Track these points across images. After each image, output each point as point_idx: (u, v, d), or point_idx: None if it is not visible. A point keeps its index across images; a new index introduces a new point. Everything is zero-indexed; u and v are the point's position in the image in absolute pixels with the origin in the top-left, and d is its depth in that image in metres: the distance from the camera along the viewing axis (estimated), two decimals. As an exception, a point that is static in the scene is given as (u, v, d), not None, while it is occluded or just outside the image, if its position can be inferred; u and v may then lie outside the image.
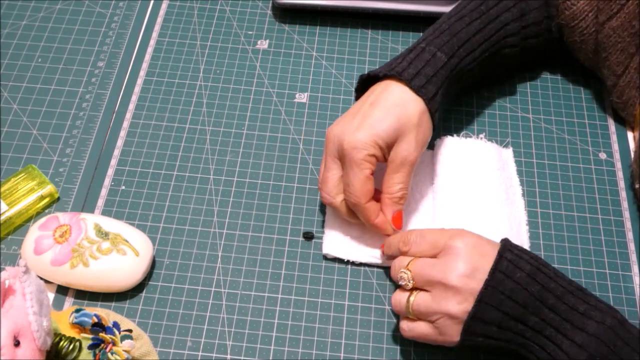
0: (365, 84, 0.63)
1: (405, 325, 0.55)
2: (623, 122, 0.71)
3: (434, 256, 0.54)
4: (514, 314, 0.51)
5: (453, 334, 0.52)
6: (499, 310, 0.51)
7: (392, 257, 0.60)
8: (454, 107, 0.72)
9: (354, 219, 0.60)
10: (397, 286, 0.58)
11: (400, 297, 0.55)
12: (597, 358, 0.49)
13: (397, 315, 0.59)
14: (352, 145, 0.57)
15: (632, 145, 0.70)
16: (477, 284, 0.51)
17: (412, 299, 0.53)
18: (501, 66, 0.69)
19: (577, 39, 0.67)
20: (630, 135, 0.70)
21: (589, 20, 0.65)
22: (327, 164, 0.59)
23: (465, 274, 0.51)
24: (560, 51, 0.72)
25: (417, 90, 0.59)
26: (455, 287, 0.51)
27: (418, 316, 0.54)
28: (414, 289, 0.54)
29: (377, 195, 0.60)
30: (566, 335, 0.50)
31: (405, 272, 0.54)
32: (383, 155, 0.59)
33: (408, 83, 0.59)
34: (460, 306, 0.51)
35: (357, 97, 0.64)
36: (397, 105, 0.58)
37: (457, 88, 0.66)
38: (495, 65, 0.68)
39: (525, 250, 0.54)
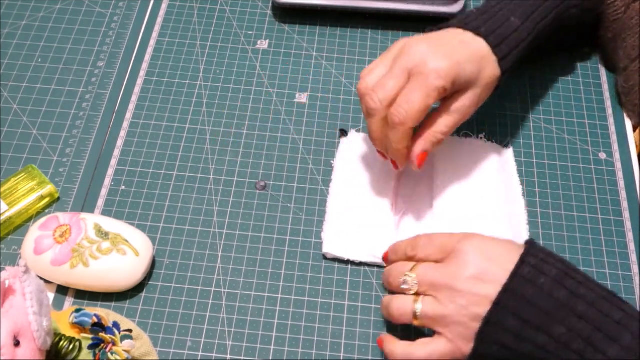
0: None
1: (415, 347, 0.52)
2: (623, 122, 0.71)
3: (440, 261, 0.52)
4: (536, 323, 0.47)
5: (464, 343, 0.50)
6: (518, 318, 0.47)
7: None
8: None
9: (376, 141, 0.59)
10: (389, 292, 0.57)
11: (403, 302, 0.52)
12: None
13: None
14: (436, 70, 0.54)
15: (631, 143, 0.70)
16: (491, 288, 0.49)
17: (418, 305, 0.51)
18: (564, 32, 0.67)
19: (610, 17, 0.66)
20: (630, 134, 0.70)
21: None
22: (396, 73, 0.56)
23: (473, 277, 0.49)
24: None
25: (493, 48, 0.58)
26: (462, 290, 0.49)
27: (425, 322, 0.51)
28: (416, 295, 0.52)
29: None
30: (597, 348, 0.45)
31: (409, 276, 0.52)
32: (445, 95, 0.57)
33: (486, 39, 0.58)
34: (473, 309, 0.49)
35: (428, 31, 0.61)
36: (483, 59, 0.58)
37: (526, 56, 0.63)
38: (558, 33, 0.65)
39: (552, 253, 0.51)
